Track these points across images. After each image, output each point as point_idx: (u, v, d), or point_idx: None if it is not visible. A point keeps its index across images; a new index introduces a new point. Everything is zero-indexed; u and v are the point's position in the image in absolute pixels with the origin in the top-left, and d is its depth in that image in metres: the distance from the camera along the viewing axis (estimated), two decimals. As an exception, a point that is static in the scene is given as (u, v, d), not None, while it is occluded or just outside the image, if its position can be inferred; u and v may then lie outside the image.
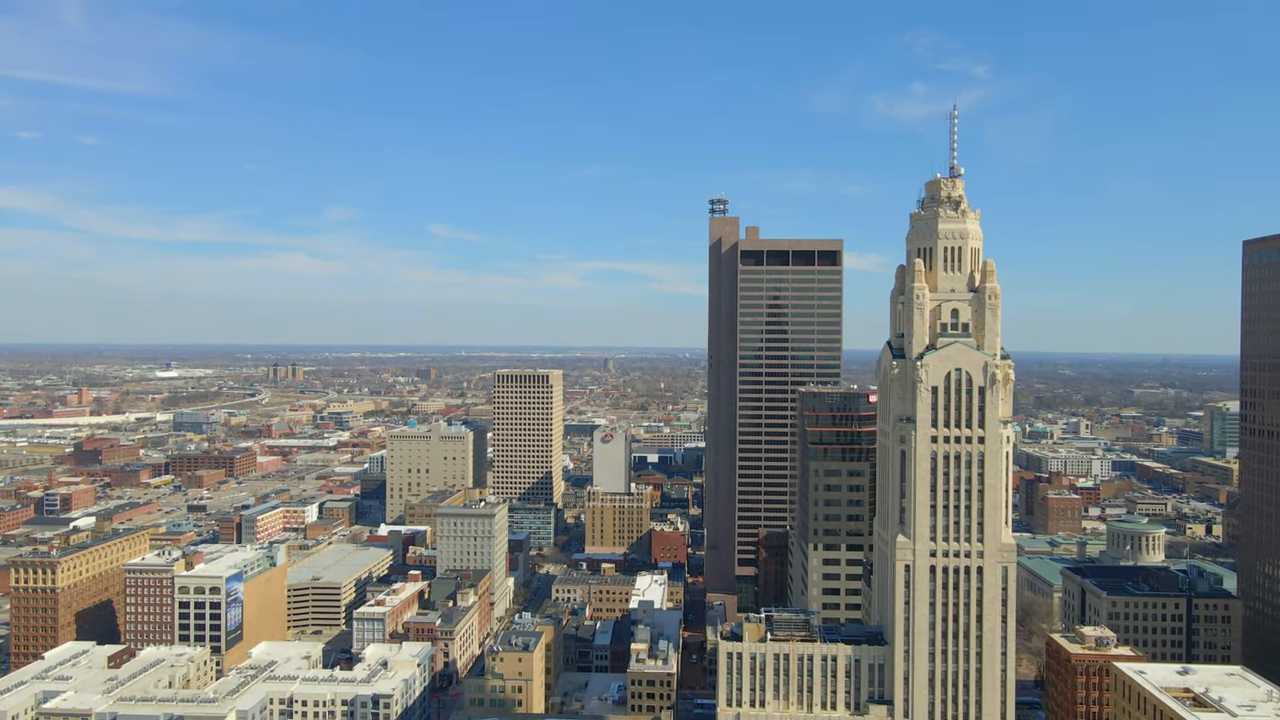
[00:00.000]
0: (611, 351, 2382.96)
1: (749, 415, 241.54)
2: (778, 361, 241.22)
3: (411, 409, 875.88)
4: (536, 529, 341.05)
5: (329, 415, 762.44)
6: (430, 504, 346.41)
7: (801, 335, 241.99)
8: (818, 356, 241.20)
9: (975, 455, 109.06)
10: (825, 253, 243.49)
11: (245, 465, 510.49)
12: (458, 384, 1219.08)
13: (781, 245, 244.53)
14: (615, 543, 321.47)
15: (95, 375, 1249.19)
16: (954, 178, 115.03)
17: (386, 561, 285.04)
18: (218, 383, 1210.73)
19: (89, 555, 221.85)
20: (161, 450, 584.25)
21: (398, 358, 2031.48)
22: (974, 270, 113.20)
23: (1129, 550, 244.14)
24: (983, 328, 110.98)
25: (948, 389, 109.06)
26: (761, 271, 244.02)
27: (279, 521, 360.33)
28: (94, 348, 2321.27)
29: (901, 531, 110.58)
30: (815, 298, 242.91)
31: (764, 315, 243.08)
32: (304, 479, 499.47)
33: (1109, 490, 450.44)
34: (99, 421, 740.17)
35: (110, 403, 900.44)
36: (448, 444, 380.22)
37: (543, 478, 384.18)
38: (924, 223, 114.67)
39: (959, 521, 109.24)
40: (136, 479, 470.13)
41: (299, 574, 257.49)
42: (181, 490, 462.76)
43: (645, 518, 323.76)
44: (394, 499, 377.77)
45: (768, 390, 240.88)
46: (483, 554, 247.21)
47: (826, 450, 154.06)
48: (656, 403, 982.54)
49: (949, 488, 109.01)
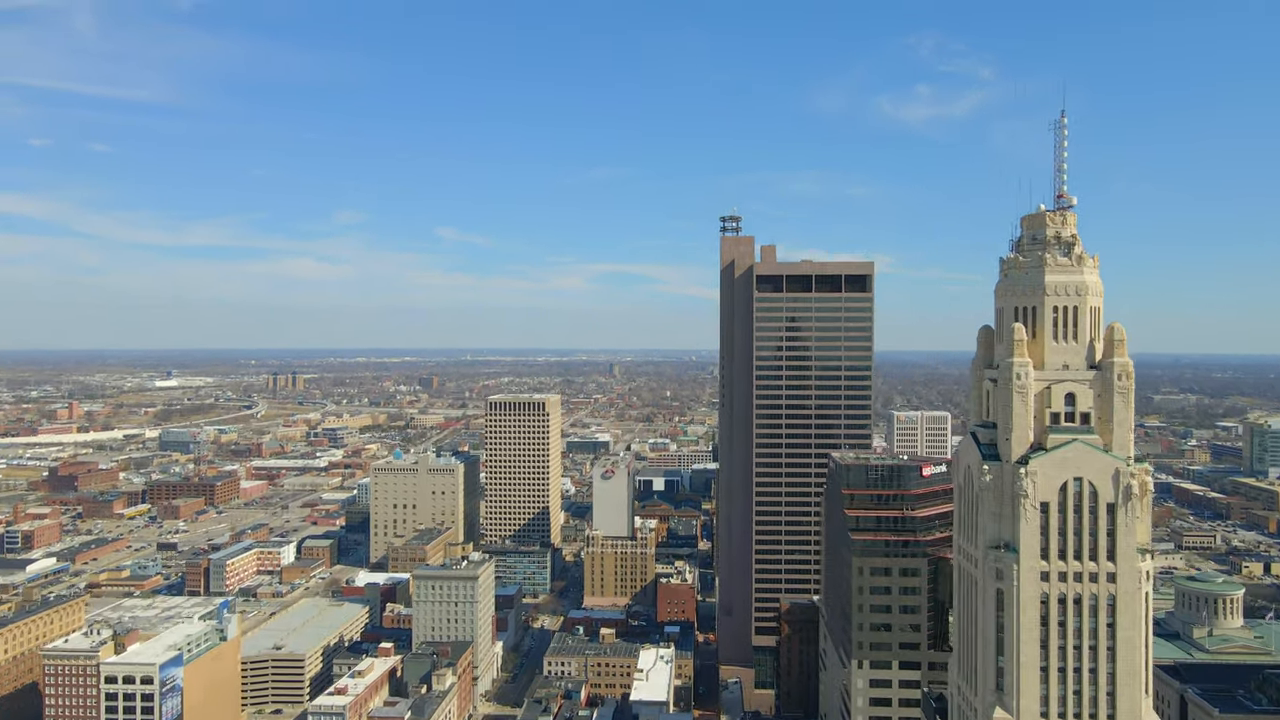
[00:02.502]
0: (618, 354, 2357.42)
1: (767, 466, 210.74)
2: (799, 404, 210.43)
3: (410, 422, 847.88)
4: (530, 574, 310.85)
5: (323, 432, 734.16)
6: (414, 546, 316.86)
7: (827, 376, 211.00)
8: (846, 398, 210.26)
9: (1104, 599, 78.32)
10: (854, 277, 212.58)
11: (228, 492, 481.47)
12: (460, 392, 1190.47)
13: (803, 269, 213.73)
14: (617, 592, 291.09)
15: (92, 386, 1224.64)
16: (1063, 210, 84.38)
17: (361, 621, 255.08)
18: (216, 393, 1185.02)
19: (9, 633, 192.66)
20: (144, 473, 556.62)
21: (403, 363, 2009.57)
22: (1094, 338, 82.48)
23: (1204, 616, 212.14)
24: (1110, 419, 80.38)
25: (1064, 506, 78.51)
26: (781, 299, 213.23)
27: (253, 564, 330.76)
28: (99, 354, 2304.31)
29: (999, 704, 79.72)
30: (842, 330, 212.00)
31: (783, 351, 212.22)
32: (289, 507, 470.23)
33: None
34: (85, 439, 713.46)
35: (101, 417, 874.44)
36: (436, 477, 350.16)
37: (538, 514, 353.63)
38: (1024, 273, 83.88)
39: (1080, 692, 78.56)
40: (110, 509, 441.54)
41: (259, 641, 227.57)
42: (157, 521, 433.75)
43: (650, 564, 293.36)
44: (378, 537, 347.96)
45: (789, 438, 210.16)
46: (464, 621, 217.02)
47: (871, 543, 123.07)
48: (663, 414, 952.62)
49: (1066, 643, 78.26)
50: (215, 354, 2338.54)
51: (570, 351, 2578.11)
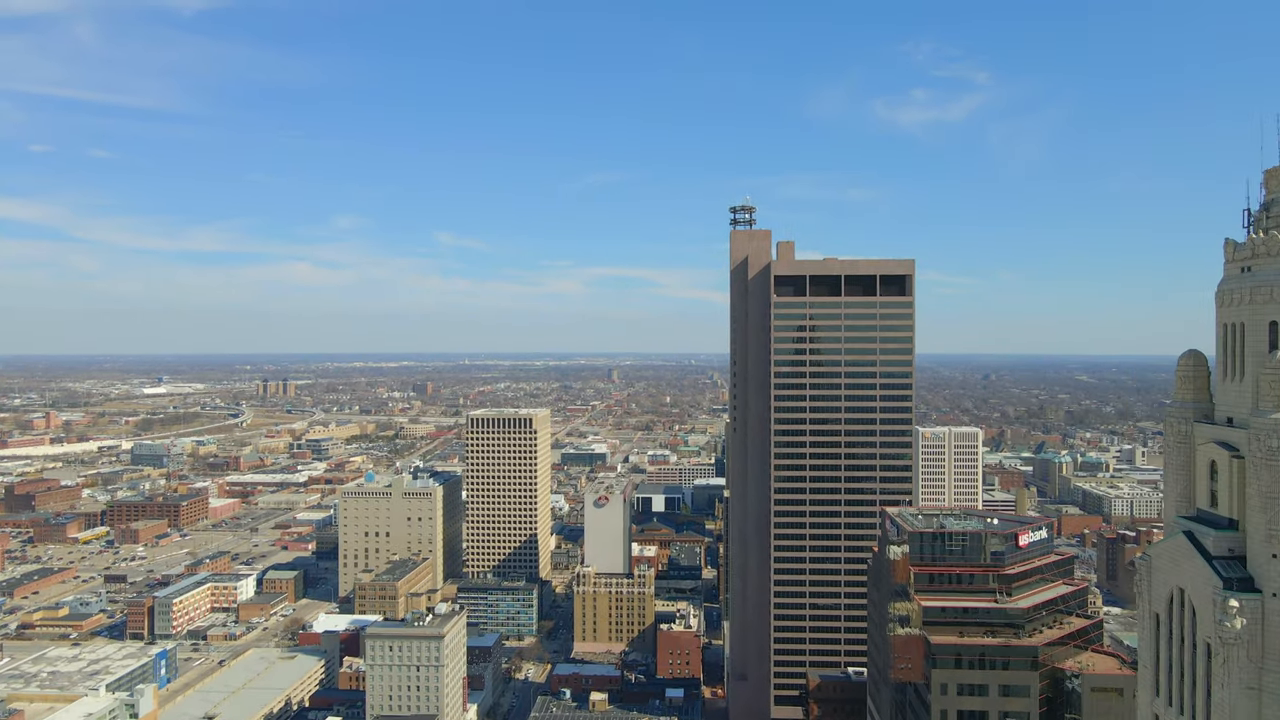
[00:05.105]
0: (616, 358, 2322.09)
1: (789, 504, 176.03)
2: (826, 426, 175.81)
3: (399, 432, 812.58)
4: (514, 614, 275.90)
5: (307, 443, 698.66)
6: (384, 582, 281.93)
7: (859, 394, 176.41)
8: (882, 420, 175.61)
9: None
10: (891, 278, 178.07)
11: (194, 512, 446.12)
12: (454, 399, 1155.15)
13: (830, 268, 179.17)
14: (612, 637, 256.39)
15: (77, 394, 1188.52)
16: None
17: (315, 678, 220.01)
18: (203, 400, 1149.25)
19: None
20: (110, 490, 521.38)
21: (399, 367, 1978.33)
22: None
23: None
24: None
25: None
26: (803, 303, 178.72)
27: (205, 601, 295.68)
28: (94, 359, 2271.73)
29: None
30: (878, 339, 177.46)
31: (806, 364, 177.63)
32: (259, 529, 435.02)
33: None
34: (56, 452, 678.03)
35: (79, 427, 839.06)
36: (412, 501, 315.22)
37: (525, 543, 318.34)
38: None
39: None
40: (63, 532, 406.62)
41: (187, 709, 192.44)
42: (114, 546, 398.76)
43: (649, 604, 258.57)
44: (347, 569, 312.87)
45: (814, 468, 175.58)
46: (428, 690, 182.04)
47: (957, 648, 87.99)
48: (663, 421, 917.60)
49: None
50: (211, 359, 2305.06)
51: (568, 355, 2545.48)
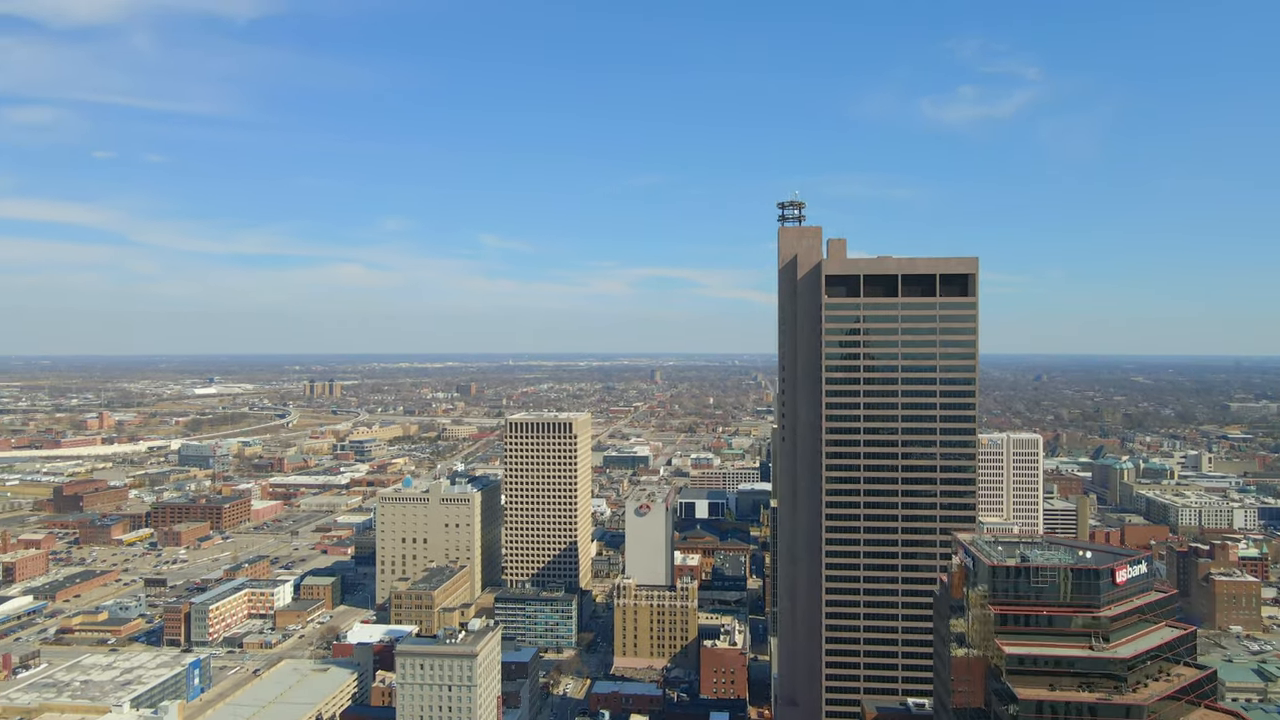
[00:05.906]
0: (660, 359, 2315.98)
1: (841, 521, 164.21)
2: (881, 436, 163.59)
3: (441, 434, 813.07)
4: (553, 625, 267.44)
5: (350, 444, 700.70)
6: (420, 590, 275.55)
7: (918, 402, 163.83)
8: (943, 430, 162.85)
9: None
10: (952, 277, 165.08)
11: (237, 514, 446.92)
12: (497, 400, 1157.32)
13: (886, 267, 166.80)
14: (653, 652, 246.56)
15: (132, 394, 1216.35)
16: None
17: (347, 692, 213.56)
18: (251, 401, 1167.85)
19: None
20: (156, 490, 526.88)
21: (444, 368, 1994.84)
22: None
23: None
24: None
25: None
26: (857, 304, 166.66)
27: (242, 607, 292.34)
28: (150, 359, 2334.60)
29: None
30: (938, 342, 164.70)
31: (860, 369, 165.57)
32: (299, 532, 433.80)
33: (1273, 551, 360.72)
34: (107, 452, 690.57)
35: (130, 427, 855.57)
36: (450, 508, 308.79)
37: (564, 552, 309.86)
38: None
39: None
40: (108, 534, 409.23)
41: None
42: (156, 548, 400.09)
43: (692, 618, 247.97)
44: (385, 575, 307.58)
45: (869, 480, 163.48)
46: (460, 710, 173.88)
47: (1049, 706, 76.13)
48: (706, 423, 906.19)
49: None
50: (262, 359, 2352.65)
51: (612, 356, 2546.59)
